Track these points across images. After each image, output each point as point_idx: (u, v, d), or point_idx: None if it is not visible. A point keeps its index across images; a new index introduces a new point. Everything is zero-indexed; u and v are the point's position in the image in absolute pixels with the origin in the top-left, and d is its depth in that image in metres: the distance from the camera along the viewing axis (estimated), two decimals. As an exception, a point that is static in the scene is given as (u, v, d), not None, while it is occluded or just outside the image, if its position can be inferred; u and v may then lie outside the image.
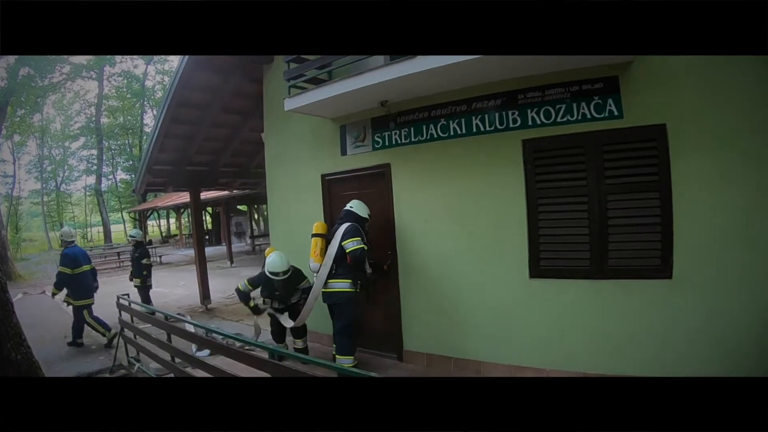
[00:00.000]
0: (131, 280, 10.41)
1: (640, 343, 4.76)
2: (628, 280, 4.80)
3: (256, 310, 6.69)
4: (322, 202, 7.17)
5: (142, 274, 10.32)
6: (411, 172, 6.17)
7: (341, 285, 5.76)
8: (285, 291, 6.46)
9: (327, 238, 6.00)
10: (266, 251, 6.75)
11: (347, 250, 5.64)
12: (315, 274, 5.97)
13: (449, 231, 5.88)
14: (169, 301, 12.72)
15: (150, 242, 32.30)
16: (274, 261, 6.38)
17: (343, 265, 5.76)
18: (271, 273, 6.32)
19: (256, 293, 6.67)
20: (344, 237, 5.70)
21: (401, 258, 6.33)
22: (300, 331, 6.84)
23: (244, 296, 6.53)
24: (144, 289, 10.34)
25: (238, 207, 31.22)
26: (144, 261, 10.37)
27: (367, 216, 5.95)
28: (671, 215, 4.57)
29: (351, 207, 5.97)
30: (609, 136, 4.78)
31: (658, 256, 4.66)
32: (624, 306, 4.85)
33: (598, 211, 4.89)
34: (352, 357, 5.79)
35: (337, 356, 5.81)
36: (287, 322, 6.40)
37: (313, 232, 6.11)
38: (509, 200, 5.37)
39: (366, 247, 5.67)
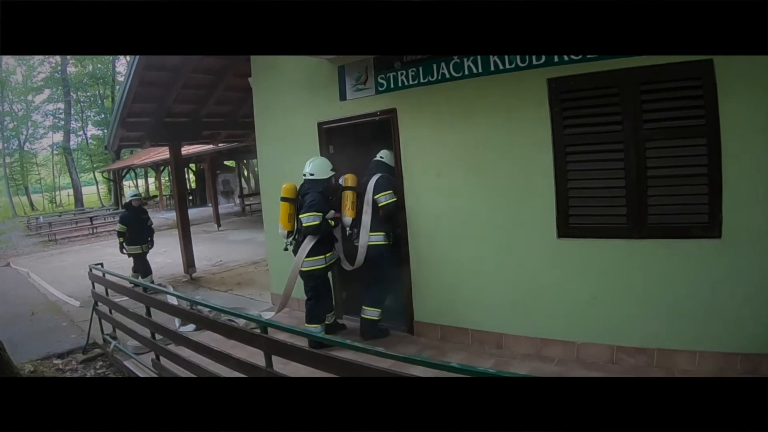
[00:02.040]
0: (123, 250, 10.59)
1: (683, 312, 4.74)
2: (670, 240, 4.76)
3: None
4: (320, 155, 7.09)
5: (147, 239, 10.67)
6: (420, 119, 6.13)
7: (375, 238, 6.25)
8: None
9: (358, 191, 6.38)
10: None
11: (380, 204, 6.18)
12: (348, 230, 6.43)
13: (465, 186, 5.87)
14: (148, 270, 12.70)
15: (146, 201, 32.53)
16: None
17: (375, 218, 6.25)
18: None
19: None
20: (377, 190, 6.21)
21: (410, 218, 6.35)
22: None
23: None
24: (143, 257, 10.59)
25: (225, 163, 31.43)
26: (150, 224, 10.80)
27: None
28: (720, 165, 4.49)
29: (381, 158, 6.43)
30: (648, 74, 4.68)
31: (704, 212, 4.62)
32: (665, 269, 4.81)
33: (636, 161, 4.83)
34: (381, 310, 6.38)
35: (364, 307, 6.39)
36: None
37: (344, 185, 6.46)
38: (533, 149, 5.32)
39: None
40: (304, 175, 6.36)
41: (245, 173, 33.55)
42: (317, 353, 3.58)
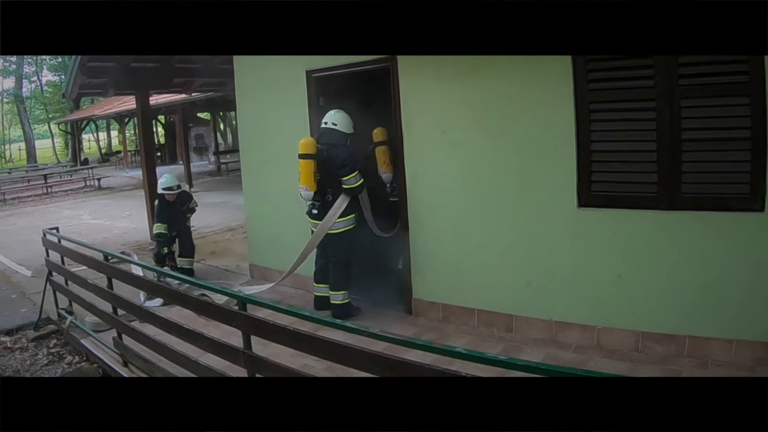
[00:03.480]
0: (169, 261, 8.88)
1: (720, 295, 4.71)
2: (706, 212, 4.73)
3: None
4: (308, 108, 7.14)
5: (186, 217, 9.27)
6: (424, 67, 6.05)
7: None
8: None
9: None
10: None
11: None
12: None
13: (474, 145, 5.84)
14: (110, 236, 12.81)
15: (86, 160, 32.25)
16: None
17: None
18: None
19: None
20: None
21: (410, 182, 6.36)
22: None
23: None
24: (186, 233, 9.20)
25: (199, 115, 31.20)
26: (192, 205, 9.19)
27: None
28: (765, 128, 4.44)
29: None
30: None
31: (746, 182, 4.58)
32: (700, 246, 4.79)
33: (669, 121, 4.78)
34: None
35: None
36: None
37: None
38: (552, 105, 5.28)
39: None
40: (325, 123, 6.41)
41: (221, 127, 33.35)
42: (301, 333, 3.57)
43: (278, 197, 7.72)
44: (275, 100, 7.53)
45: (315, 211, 6.47)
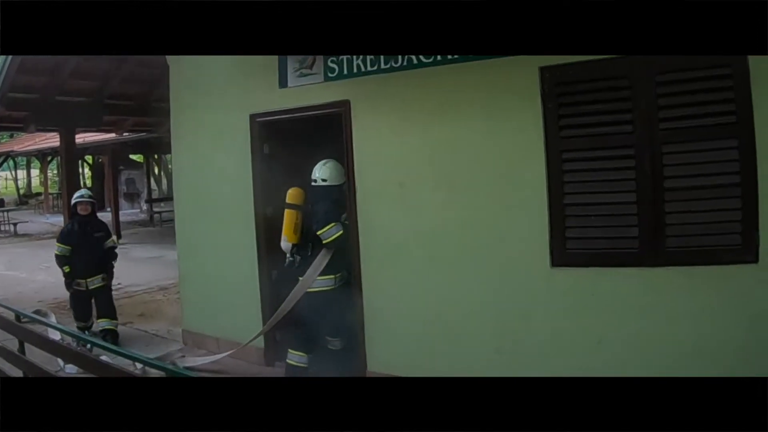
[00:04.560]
0: (69, 286, 8.71)
1: (711, 356, 4.69)
2: (694, 267, 4.74)
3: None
4: (251, 156, 7.15)
5: (110, 264, 9.06)
6: (380, 113, 6.14)
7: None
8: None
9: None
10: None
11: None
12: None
13: (435, 200, 5.86)
14: (25, 291, 12.49)
15: (1, 202, 31.71)
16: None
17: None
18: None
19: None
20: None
21: (363, 241, 6.34)
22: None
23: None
24: (105, 291, 8.95)
25: (131, 157, 31.02)
26: (109, 243, 9.14)
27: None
28: (755, 172, 4.52)
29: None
30: (666, 61, 4.68)
31: (737, 231, 4.64)
32: (688, 303, 4.80)
33: (650, 169, 4.85)
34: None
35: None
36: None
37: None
38: (521, 155, 5.35)
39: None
40: (314, 181, 6.44)
41: (156, 171, 33.15)
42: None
43: (216, 254, 7.68)
44: (215, 145, 7.52)
45: (296, 264, 6.54)
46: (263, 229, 7.09)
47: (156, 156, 31.38)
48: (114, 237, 9.51)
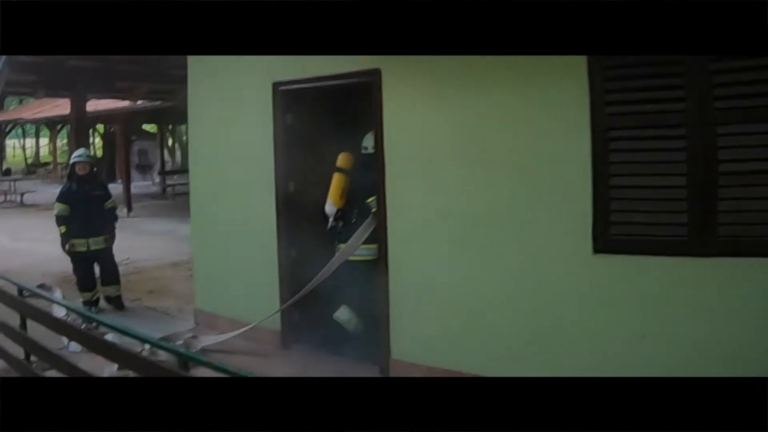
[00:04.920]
0: (65, 246, 8.97)
1: (764, 358, 4.51)
2: (749, 259, 4.56)
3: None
4: (273, 126, 7.03)
5: (102, 230, 9.09)
6: (412, 85, 6.02)
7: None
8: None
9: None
10: None
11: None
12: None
13: (467, 179, 5.74)
14: (30, 263, 12.44)
15: (8, 170, 31.72)
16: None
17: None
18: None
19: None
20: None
21: (391, 221, 6.22)
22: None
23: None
24: (90, 259, 9.09)
25: (144, 127, 31.16)
26: (110, 204, 9.23)
27: None
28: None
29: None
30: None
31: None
32: (740, 298, 4.62)
33: (703, 151, 4.68)
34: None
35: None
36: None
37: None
38: (564, 132, 5.21)
39: None
40: (365, 149, 6.67)
41: (170, 143, 33.42)
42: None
43: (233, 230, 7.62)
44: (234, 115, 7.43)
45: (338, 230, 6.77)
46: (284, 204, 7.00)
47: (170, 126, 31.63)
48: (113, 198, 9.40)
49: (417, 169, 6.07)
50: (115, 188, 23.94)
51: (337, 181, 6.63)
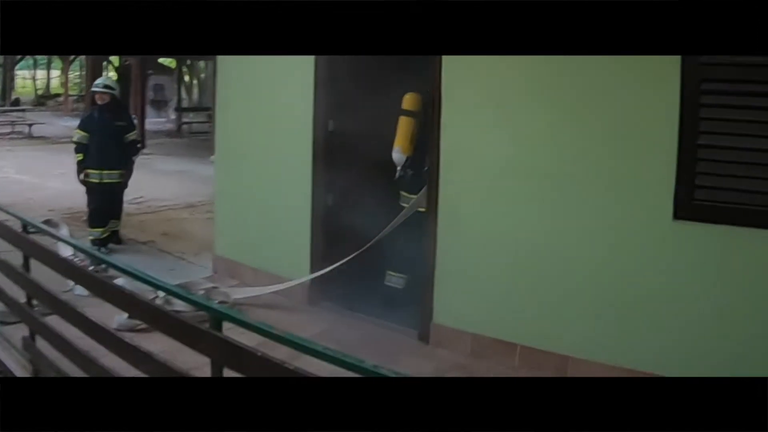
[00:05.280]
0: (80, 175, 8.87)
1: None
2: None
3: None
4: (314, 61, 6.66)
5: (121, 162, 8.93)
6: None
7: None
8: None
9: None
10: None
11: None
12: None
13: (539, 128, 5.43)
14: (36, 198, 12.37)
15: (17, 101, 31.71)
16: None
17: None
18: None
19: None
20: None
21: (445, 167, 5.92)
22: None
23: None
24: (106, 192, 8.94)
25: (161, 61, 31.09)
26: (132, 136, 9.12)
27: None
28: None
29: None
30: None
31: None
32: None
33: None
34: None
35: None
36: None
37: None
38: (652, 79, 4.91)
39: None
40: None
41: (187, 78, 33.67)
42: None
43: (262, 171, 7.36)
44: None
45: (406, 180, 6.45)
46: (322, 146, 6.77)
47: (188, 62, 31.85)
48: (136, 131, 9.45)
49: (483, 113, 5.74)
50: (129, 123, 24.09)
51: (404, 126, 6.31)
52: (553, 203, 5.43)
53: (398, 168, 6.41)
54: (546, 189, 5.45)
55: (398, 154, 6.32)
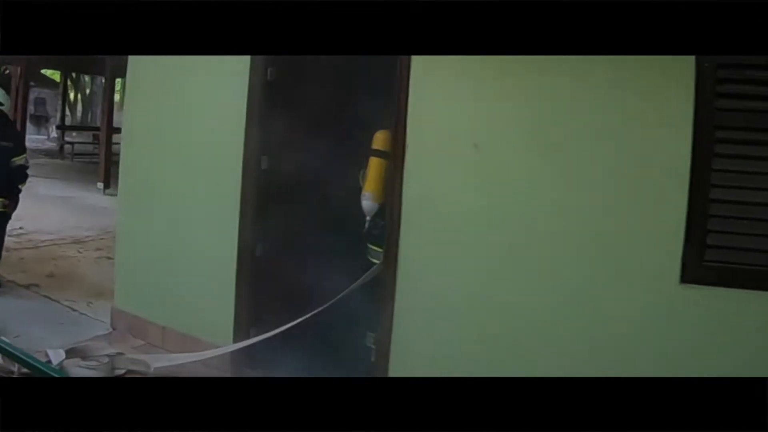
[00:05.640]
0: None
1: None
2: None
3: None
4: (249, 81, 6.11)
5: (15, 188, 8.39)
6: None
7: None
8: None
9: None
10: None
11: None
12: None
13: (526, 172, 5.04)
14: None
15: None
16: None
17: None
18: None
19: None
20: None
21: (407, 220, 5.44)
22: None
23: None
24: (3, 219, 8.44)
25: (44, 72, 30.76)
26: (19, 160, 8.38)
27: None
28: None
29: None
30: None
31: None
32: None
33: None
34: None
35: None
36: None
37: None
38: (660, 121, 4.62)
39: None
40: None
41: (73, 94, 33.16)
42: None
43: (177, 214, 6.76)
44: (195, 63, 6.49)
45: (376, 232, 5.96)
46: (253, 184, 6.22)
47: (74, 75, 31.60)
48: (26, 155, 8.54)
49: (456, 155, 5.30)
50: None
51: (375, 169, 5.88)
52: (537, 259, 5.04)
53: (367, 218, 5.99)
54: (531, 243, 5.06)
55: (368, 202, 5.90)
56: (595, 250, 4.82)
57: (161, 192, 6.86)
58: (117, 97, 24.11)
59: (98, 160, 18.87)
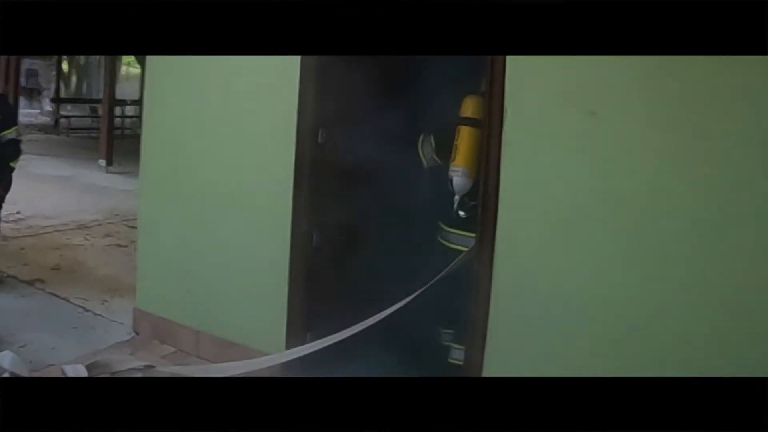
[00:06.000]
0: None
1: None
2: None
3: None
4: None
5: (6, 166, 7.97)
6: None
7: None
8: None
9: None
10: None
11: None
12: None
13: (651, 146, 4.42)
14: None
15: None
16: None
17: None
18: None
19: None
20: None
21: (505, 203, 4.85)
22: None
23: None
24: None
25: None
26: (10, 133, 7.92)
27: None
28: None
29: None
30: None
31: None
32: None
33: None
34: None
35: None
36: None
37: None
38: None
39: None
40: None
41: (66, 66, 32.76)
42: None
43: (214, 200, 6.09)
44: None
45: (463, 213, 5.47)
46: (308, 162, 5.62)
47: None
48: (18, 127, 8.01)
49: (565, 124, 4.68)
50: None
51: (467, 140, 5.30)
52: (660, 253, 4.42)
53: (456, 197, 5.43)
54: (649, 231, 4.46)
55: (461, 179, 5.33)
56: (731, 241, 4.23)
57: (194, 172, 6.27)
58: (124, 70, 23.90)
59: (98, 134, 18.64)
